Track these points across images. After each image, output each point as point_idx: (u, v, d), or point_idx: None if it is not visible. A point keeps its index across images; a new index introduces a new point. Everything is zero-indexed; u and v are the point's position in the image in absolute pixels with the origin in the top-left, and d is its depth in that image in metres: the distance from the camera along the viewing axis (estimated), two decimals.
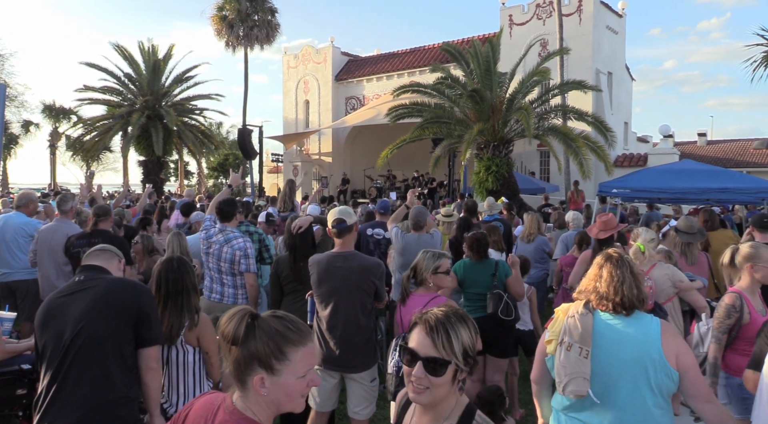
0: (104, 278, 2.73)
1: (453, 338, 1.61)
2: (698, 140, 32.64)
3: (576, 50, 19.19)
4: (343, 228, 3.68)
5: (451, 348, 1.60)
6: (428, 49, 26.33)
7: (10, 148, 39.56)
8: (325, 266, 3.68)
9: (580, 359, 2.32)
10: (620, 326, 2.36)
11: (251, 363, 1.48)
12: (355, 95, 28.41)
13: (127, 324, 2.58)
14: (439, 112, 16.25)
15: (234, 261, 4.70)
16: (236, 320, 1.50)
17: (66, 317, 2.55)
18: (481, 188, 15.00)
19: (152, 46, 29.27)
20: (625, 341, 2.32)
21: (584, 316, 2.39)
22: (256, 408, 1.52)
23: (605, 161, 14.91)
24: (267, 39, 27.80)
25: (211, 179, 46.16)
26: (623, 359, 2.31)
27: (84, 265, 2.83)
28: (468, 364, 1.64)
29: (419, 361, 1.61)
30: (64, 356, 2.49)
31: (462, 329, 1.64)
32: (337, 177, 26.09)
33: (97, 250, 2.92)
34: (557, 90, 16.19)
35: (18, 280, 5.99)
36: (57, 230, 5.63)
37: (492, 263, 4.62)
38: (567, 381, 2.35)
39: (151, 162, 28.13)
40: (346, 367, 3.67)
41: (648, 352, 2.28)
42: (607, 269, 2.44)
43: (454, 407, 1.69)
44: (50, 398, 2.46)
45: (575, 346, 2.34)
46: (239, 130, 19.34)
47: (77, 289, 2.66)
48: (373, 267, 3.73)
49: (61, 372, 2.48)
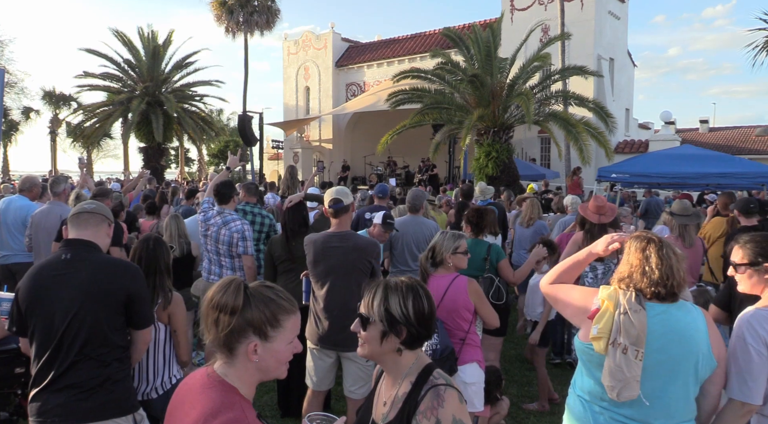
0: (92, 260, 2.60)
1: (377, 299, 1.76)
2: (700, 127, 32.57)
3: (577, 36, 19.07)
4: (339, 208, 3.71)
5: (372, 308, 1.76)
6: (429, 35, 26.20)
7: (10, 135, 39.53)
8: (321, 246, 3.71)
9: (635, 362, 2.16)
10: (670, 318, 2.21)
11: (245, 330, 1.52)
12: (356, 81, 28.31)
13: (117, 312, 2.55)
14: (440, 97, 16.20)
15: (232, 243, 4.73)
16: (232, 290, 1.53)
17: (54, 301, 2.50)
18: (481, 174, 14.99)
19: (152, 32, 29.15)
20: (676, 336, 2.19)
21: (638, 313, 2.18)
22: (241, 374, 1.55)
23: (606, 147, 14.88)
24: (267, 25, 27.65)
25: (211, 166, 46.15)
26: (675, 355, 2.19)
27: (70, 239, 2.67)
28: (394, 329, 1.74)
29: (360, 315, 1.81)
30: (59, 344, 2.47)
31: (394, 296, 1.76)
32: (338, 164, 26.07)
33: (85, 214, 2.71)
34: (558, 75, 16.12)
35: (19, 262, 6.01)
36: (50, 213, 5.65)
37: (485, 246, 4.64)
38: (621, 387, 2.17)
39: (151, 149, 28.11)
40: (343, 346, 3.70)
41: (699, 346, 2.18)
42: (653, 251, 2.24)
43: (411, 366, 1.80)
44: (45, 384, 2.48)
45: (631, 349, 2.16)
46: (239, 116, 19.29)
47: (64, 270, 2.55)
48: (369, 246, 3.76)
49: (57, 360, 2.47)
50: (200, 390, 1.55)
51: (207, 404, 1.49)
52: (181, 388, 1.67)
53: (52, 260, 2.62)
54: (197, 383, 1.59)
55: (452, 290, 3.48)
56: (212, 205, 4.91)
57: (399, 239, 5.41)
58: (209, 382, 1.55)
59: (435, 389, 1.71)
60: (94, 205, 2.77)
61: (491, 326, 3.68)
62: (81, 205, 2.77)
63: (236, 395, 1.53)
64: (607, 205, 5.34)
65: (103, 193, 5.24)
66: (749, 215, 5.29)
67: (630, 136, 23.69)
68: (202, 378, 1.59)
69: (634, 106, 25.36)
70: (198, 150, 38.58)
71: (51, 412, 2.45)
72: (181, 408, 1.59)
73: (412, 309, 1.76)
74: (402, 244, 5.41)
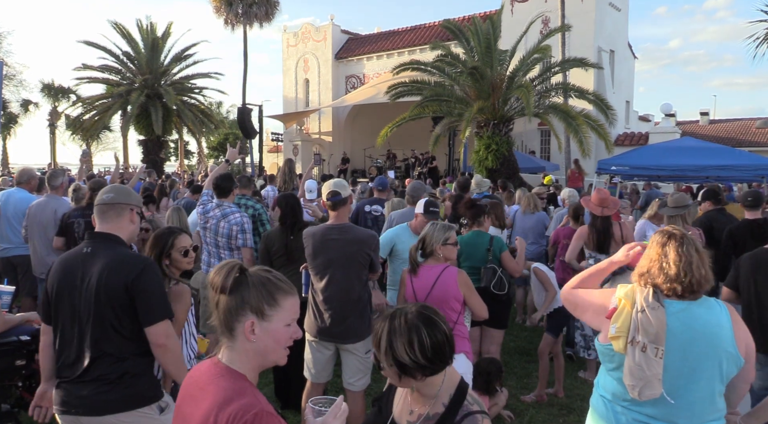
0: (105, 255, 2.54)
1: (383, 348, 1.75)
2: (700, 119, 32.48)
3: (578, 28, 19.00)
4: (337, 200, 3.71)
5: (381, 355, 1.77)
6: (429, 27, 26.10)
7: (9, 128, 39.46)
8: (320, 238, 3.72)
9: (656, 360, 2.15)
10: (691, 316, 2.18)
11: (242, 308, 1.55)
12: (355, 74, 28.23)
13: (122, 307, 2.49)
14: (439, 90, 16.16)
15: (231, 236, 4.75)
16: (225, 271, 1.57)
17: (73, 296, 2.51)
18: (481, 167, 14.98)
19: (150, 24, 29.00)
20: (698, 334, 2.17)
21: (656, 310, 2.17)
22: (243, 358, 1.57)
23: (606, 140, 14.86)
24: (266, 16, 27.47)
25: (211, 159, 46.09)
26: (697, 353, 2.16)
27: (93, 232, 2.64)
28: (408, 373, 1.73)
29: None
30: (80, 339, 2.49)
31: (398, 343, 1.72)
32: (338, 156, 26.03)
33: (103, 206, 2.64)
34: (558, 68, 16.08)
35: (19, 255, 6.03)
36: (46, 206, 5.67)
37: (487, 237, 4.65)
38: (642, 385, 2.17)
39: (150, 141, 28.05)
40: (341, 338, 3.71)
41: (722, 344, 2.15)
42: (672, 247, 2.21)
43: (442, 385, 1.78)
44: (72, 379, 2.49)
45: (650, 347, 2.15)
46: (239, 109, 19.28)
47: (83, 265, 2.53)
48: (368, 239, 3.77)
49: (79, 354, 2.49)
50: (209, 380, 1.57)
51: (218, 392, 1.50)
52: (188, 380, 1.69)
53: (76, 253, 2.60)
54: (204, 374, 1.61)
55: (442, 281, 3.51)
56: (211, 198, 4.92)
57: None
58: (217, 371, 1.57)
59: (472, 418, 1.71)
60: (112, 195, 2.67)
61: (480, 317, 3.70)
62: (101, 197, 2.69)
63: (245, 382, 1.54)
64: (610, 198, 5.37)
65: (99, 186, 5.23)
66: (753, 208, 5.28)
67: (630, 128, 23.66)
68: (209, 368, 1.60)
69: (634, 98, 25.33)
70: (197, 143, 38.50)
71: (75, 403, 2.47)
72: (190, 400, 1.61)
73: (419, 352, 1.70)
74: None
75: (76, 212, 5.15)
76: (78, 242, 5.05)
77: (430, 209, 4.33)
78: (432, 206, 4.35)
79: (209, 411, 1.48)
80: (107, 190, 2.71)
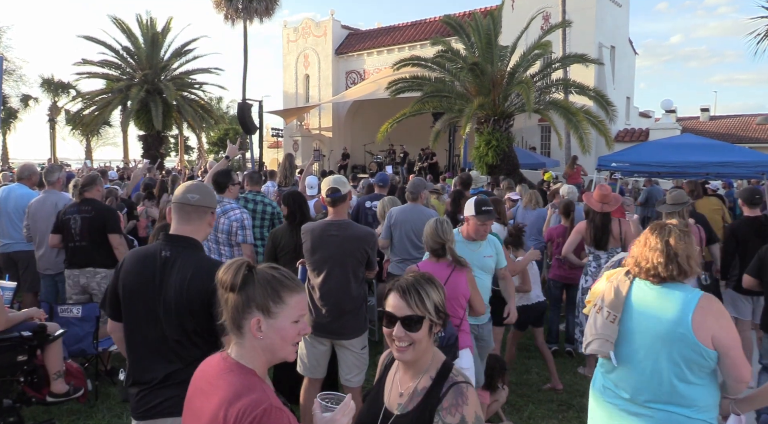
0: (188, 262, 2.41)
1: (424, 296, 1.81)
2: (701, 116, 32.48)
3: (578, 23, 18.94)
4: (337, 197, 3.73)
5: (423, 305, 1.79)
6: (429, 23, 26.03)
7: (9, 123, 39.37)
8: (319, 234, 3.73)
9: (606, 322, 2.47)
10: (655, 297, 2.38)
11: (249, 306, 1.56)
12: (356, 69, 28.18)
13: (205, 319, 2.37)
14: (440, 86, 16.12)
15: (231, 232, 4.75)
16: (234, 269, 1.58)
17: (151, 301, 2.38)
18: (481, 163, 14.96)
19: (150, 19, 28.98)
20: (655, 314, 2.35)
21: (621, 283, 2.48)
22: (252, 354, 1.59)
23: (606, 136, 14.83)
24: (266, 12, 27.40)
25: (211, 154, 46.04)
26: (650, 330, 2.36)
27: (172, 235, 2.47)
28: (440, 318, 1.84)
29: (397, 321, 1.79)
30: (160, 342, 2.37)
31: (430, 288, 1.84)
32: (338, 152, 26.01)
33: (189, 207, 2.45)
34: (559, 64, 16.03)
35: (20, 251, 6.04)
36: (45, 201, 5.67)
37: None
38: (591, 340, 2.53)
39: (150, 137, 28.06)
40: (337, 334, 3.72)
41: (676, 328, 2.29)
42: (649, 237, 2.43)
43: (431, 361, 1.87)
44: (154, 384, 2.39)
45: (605, 310, 2.48)
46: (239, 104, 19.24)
47: (162, 269, 2.39)
48: (366, 236, 3.79)
49: (158, 358, 2.37)
50: (218, 375, 1.58)
51: (227, 387, 1.52)
52: (196, 375, 1.70)
53: (153, 255, 2.44)
54: (213, 369, 1.62)
55: (453, 278, 3.53)
56: None
57: (398, 228, 5.42)
58: (226, 366, 1.58)
59: (458, 387, 1.80)
60: (198, 197, 2.48)
61: (479, 314, 3.77)
62: (185, 196, 2.47)
63: (255, 377, 1.56)
64: (612, 195, 5.38)
65: (90, 181, 5.22)
66: (753, 206, 5.29)
67: (630, 124, 23.63)
68: (218, 363, 1.61)
69: (635, 94, 25.28)
70: (197, 138, 38.46)
71: (159, 407, 2.37)
72: (199, 395, 1.62)
73: (442, 298, 1.87)
74: (401, 232, 5.41)
75: (72, 209, 5.11)
76: (75, 238, 5.06)
77: (483, 209, 3.84)
78: (484, 205, 3.86)
79: (219, 406, 1.49)
80: (192, 191, 2.50)
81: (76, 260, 5.10)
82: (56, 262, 5.55)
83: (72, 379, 4.29)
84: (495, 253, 4.09)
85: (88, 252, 5.06)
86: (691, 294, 2.33)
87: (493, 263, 4.08)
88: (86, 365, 4.94)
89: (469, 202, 3.95)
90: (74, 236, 5.04)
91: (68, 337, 4.47)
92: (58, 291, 5.68)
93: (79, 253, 5.07)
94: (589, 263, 5.45)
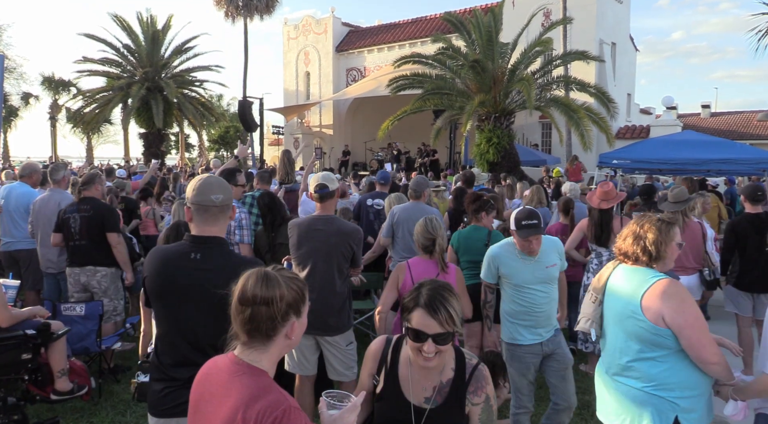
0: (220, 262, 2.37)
1: (453, 313, 1.87)
2: (702, 112, 32.44)
3: (579, 20, 18.92)
4: (325, 193, 3.77)
5: (453, 322, 1.86)
6: (430, 20, 26.00)
7: (10, 121, 39.34)
8: (305, 229, 3.76)
9: (590, 302, 2.78)
10: (622, 278, 2.62)
11: (288, 313, 1.57)
12: (356, 67, 28.16)
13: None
14: (441, 83, 16.11)
15: (230, 231, 4.72)
16: (262, 282, 1.55)
17: (182, 303, 2.36)
18: (482, 160, 14.97)
19: (151, 17, 28.95)
20: (618, 293, 2.61)
21: (606, 268, 2.75)
22: (268, 356, 1.59)
23: (607, 133, 14.84)
24: (267, 9, 27.41)
25: (212, 152, 46.04)
26: (613, 308, 2.64)
27: (199, 237, 2.40)
28: (462, 325, 1.97)
29: (428, 338, 1.85)
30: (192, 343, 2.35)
31: (455, 302, 1.90)
32: (338, 149, 26.01)
33: (214, 208, 2.38)
34: (560, 61, 16.02)
35: (21, 249, 6.05)
36: (49, 200, 5.69)
37: (485, 232, 4.68)
38: (579, 318, 2.86)
39: (151, 134, 28.05)
40: (322, 330, 3.71)
41: (628, 306, 2.51)
42: (630, 225, 2.66)
43: (446, 360, 2.00)
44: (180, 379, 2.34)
45: (590, 292, 2.79)
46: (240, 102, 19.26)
47: (193, 271, 2.35)
48: (352, 232, 3.81)
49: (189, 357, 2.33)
50: (229, 378, 1.56)
51: (243, 390, 1.50)
52: (203, 377, 1.67)
53: (183, 256, 2.38)
54: (223, 371, 1.59)
55: (442, 277, 3.57)
56: None
57: (400, 226, 5.42)
58: (238, 369, 1.56)
59: (477, 371, 2.02)
60: (222, 196, 2.40)
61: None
62: (208, 197, 2.38)
63: (268, 378, 1.55)
64: (614, 192, 5.37)
65: (89, 180, 5.23)
66: (755, 203, 5.29)
67: (631, 121, 23.61)
68: (228, 366, 1.59)
69: (635, 90, 25.25)
70: (198, 136, 38.44)
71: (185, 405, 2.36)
72: (210, 397, 1.59)
73: (461, 306, 1.95)
74: (404, 230, 5.42)
75: (71, 208, 5.12)
76: (74, 237, 5.06)
77: (523, 224, 3.44)
78: (526, 219, 3.45)
79: (235, 409, 1.47)
80: (215, 191, 2.40)
81: (77, 259, 5.11)
82: (58, 261, 5.58)
83: (76, 377, 4.31)
84: (559, 258, 3.70)
85: (88, 251, 5.07)
86: (651, 276, 2.49)
87: (557, 271, 3.69)
88: (89, 363, 4.96)
89: (511, 216, 3.60)
90: (74, 235, 5.05)
91: (71, 335, 4.48)
92: (61, 289, 5.70)
93: (79, 251, 5.09)
94: (591, 260, 5.46)
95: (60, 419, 4.19)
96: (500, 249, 3.71)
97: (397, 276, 3.73)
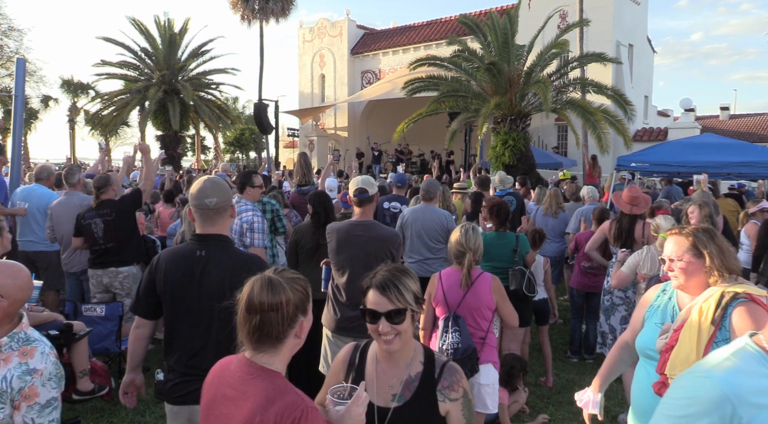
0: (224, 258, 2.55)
1: (403, 289, 1.88)
2: (720, 114, 32.04)
3: (596, 22, 18.78)
4: (364, 198, 3.71)
5: (404, 298, 1.87)
6: (445, 22, 25.96)
7: (30, 123, 39.84)
8: (344, 234, 3.73)
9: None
10: None
11: (296, 315, 1.59)
12: (371, 69, 28.19)
13: None
14: (456, 85, 16.05)
15: (242, 233, 4.70)
16: (268, 288, 1.56)
17: (193, 299, 2.51)
18: (498, 163, 14.88)
19: (168, 20, 29.20)
20: None
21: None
22: (280, 357, 1.60)
23: (624, 135, 14.69)
24: (282, 12, 27.54)
25: (227, 154, 46.34)
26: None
27: (203, 235, 2.59)
28: (419, 305, 1.94)
29: (381, 317, 1.86)
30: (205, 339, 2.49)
31: (406, 279, 1.92)
32: (353, 152, 26.05)
33: (209, 211, 2.57)
34: (576, 63, 15.90)
35: (40, 251, 6.13)
36: (67, 203, 5.74)
37: (513, 237, 4.63)
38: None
39: (168, 137, 28.28)
40: (362, 333, 3.72)
41: None
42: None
43: (415, 349, 2.00)
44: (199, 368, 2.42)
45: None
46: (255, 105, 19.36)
47: (200, 268, 2.52)
48: (391, 237, 3.78)
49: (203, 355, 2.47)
50: (243, 380, 1.56)
51: (259, 393, 1.50)
52: (213, 380, 1.67)
53: (190, 254, 2.56)
54: (236, 374, 1.59)
55: (475, 287, 3.48)
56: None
57: (410, 228, 5.40)
58: (252, 371, 1.56)
59: (449, 365, 1.98)
60: (215, 200, 2.56)
61: (511, 326, 3.68)
62: (202, 201, 2.56)
63: (283, 379, 1.56)
64: (641, 196, 5.30)
65: (104, 182, 5.25)
66: None
67: (649, 123, 23.38)
68: (241, 368, 1.59)
69: (653, 92, 25.01)
70: (214, 138, 38.65)
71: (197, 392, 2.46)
72: (224, 400, 1.59)
73: (418, 287, 1.95)
74: (412, 232, 5.39)
75: (91, 213, 5.13)
76: (99, 242, 5.11)
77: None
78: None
79: (253, 412, 1.48)
80: (208, 194, 2.56)
81: (100, 261, 5.16)
82: (81, 260, 5.61)
83: (97, 377, 4.36)
84: None
85: (115, 253, 5.11)
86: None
87: None
88: (109, 363, 5.00)
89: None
90: (98, 240, 5.07)
91: (92, 336, 4.53)
92: (83, 290, 5.75)
93: (106, 255, 5.13)
94: (612, 264, 5.41)
95: (81, 418, 4.24)
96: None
97: (429, 292, 3.63)
